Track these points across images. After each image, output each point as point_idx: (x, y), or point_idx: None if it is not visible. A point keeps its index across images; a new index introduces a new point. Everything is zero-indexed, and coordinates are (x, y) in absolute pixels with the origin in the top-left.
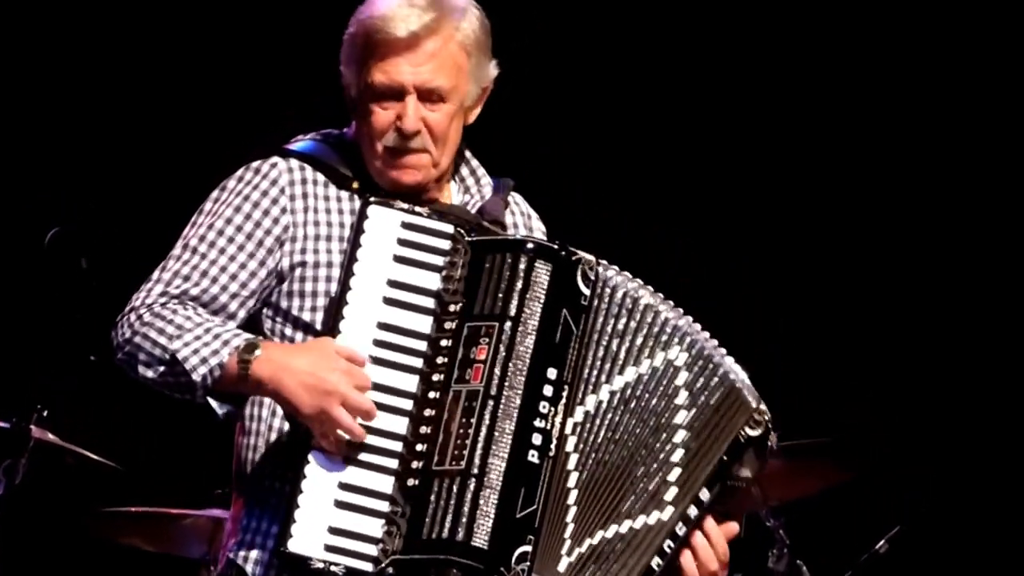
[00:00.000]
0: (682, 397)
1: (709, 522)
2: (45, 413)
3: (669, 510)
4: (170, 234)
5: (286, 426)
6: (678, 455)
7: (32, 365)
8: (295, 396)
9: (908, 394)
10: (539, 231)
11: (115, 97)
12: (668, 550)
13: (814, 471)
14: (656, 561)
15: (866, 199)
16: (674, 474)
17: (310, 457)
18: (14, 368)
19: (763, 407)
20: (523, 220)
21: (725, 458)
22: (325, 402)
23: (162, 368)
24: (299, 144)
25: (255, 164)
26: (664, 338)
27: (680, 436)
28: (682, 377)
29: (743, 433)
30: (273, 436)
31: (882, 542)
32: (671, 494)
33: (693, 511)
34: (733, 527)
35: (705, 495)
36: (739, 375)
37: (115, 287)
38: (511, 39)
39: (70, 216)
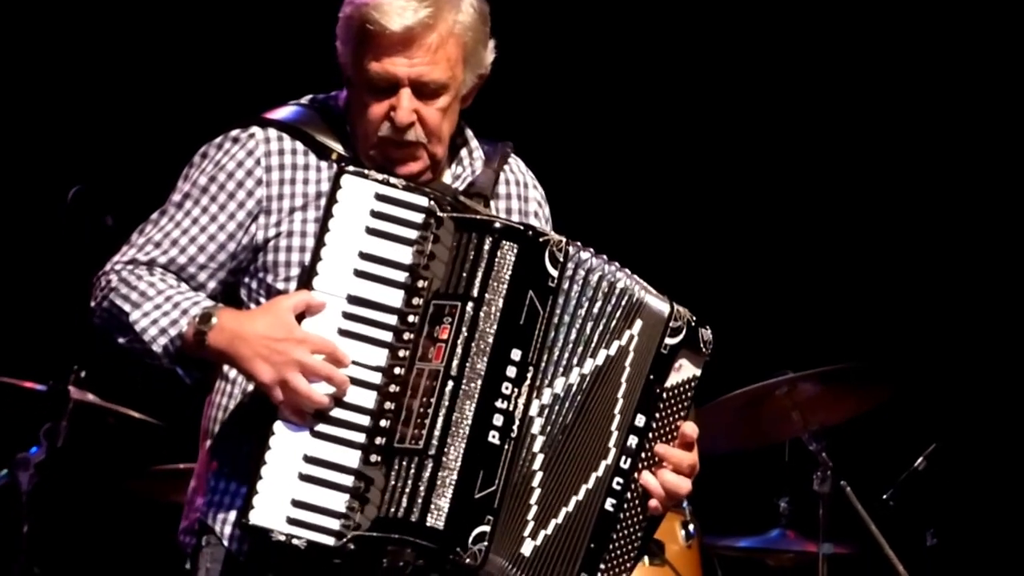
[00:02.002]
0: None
1: (660, 446)
2: (83, 374)
3: (612, 451)
4: None
5: (251, 386)
6: (619, 404)
7: (66, 327)
8: (252, 365)
9: (939, 314)
10: (534, 199)
11: (141, 56)
12: (618, 487)
13: (849, 395)
14: (610, 502)
15: (904, 141)
16: (615, 421)
17: (275, 428)
18: (49, 331)
19: (680, 310)
20: (518, 189)
21: (651, 376)
22: (283, 371)
23: (128, 335)
24: (281, 112)
25: (233, 133)
26: (633, 318)
27: (621, 388)
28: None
29: (664, 345)
30: (245, 397)
31: (920, 459)
32: (613, 438)
33: (633, 440)
34: (688, 430)
35: (640, 420)
36: (650, 292)
37: None
38: (512, 37)
39: (94, 173)
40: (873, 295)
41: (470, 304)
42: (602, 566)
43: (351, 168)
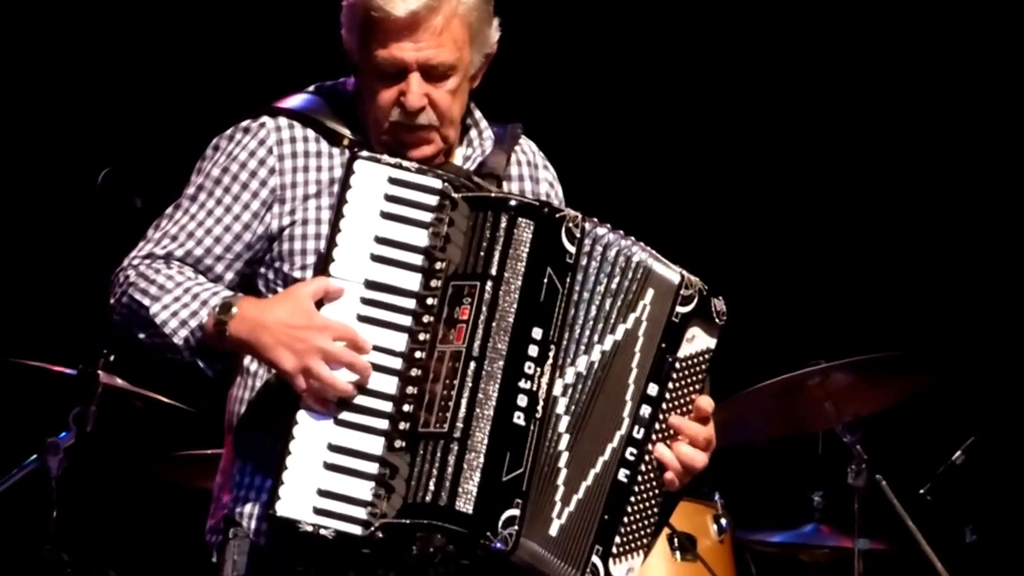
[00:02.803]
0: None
1: (674, 417)
2: (112, 359)
3: (625, 422)
4: None
5: (273, 374)
6: (633, 373)
7: (94, 310)
8: (274, 354)
9: (978, 301)
10: (546, 180)
11: (168, 40)
12: (632, 457)
13: (884, 385)
14: (623, 473)
15: (945, 125)
16: (629, 391)
17: (298, 417)
18: (79, 315)
19: (690, 278)
20: (529, 170)
21: (663, 345)
22: (305, 359)
23: (149, 330)
24: (291, 100)
25: (244, 123)
26: (645, 288)
27: (635, 358)
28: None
29: (676, 314)
30: (265, 389)
31: (959, 453)
32: (627, 408)
33: (646, 410)
34: (704, 403)
35: (653, 390)
36: (660, 261)
37: None
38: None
39: (123, 156)
40: (910, 282)
41: (489, 283)
42: (617, 539)
43: (363, 153)
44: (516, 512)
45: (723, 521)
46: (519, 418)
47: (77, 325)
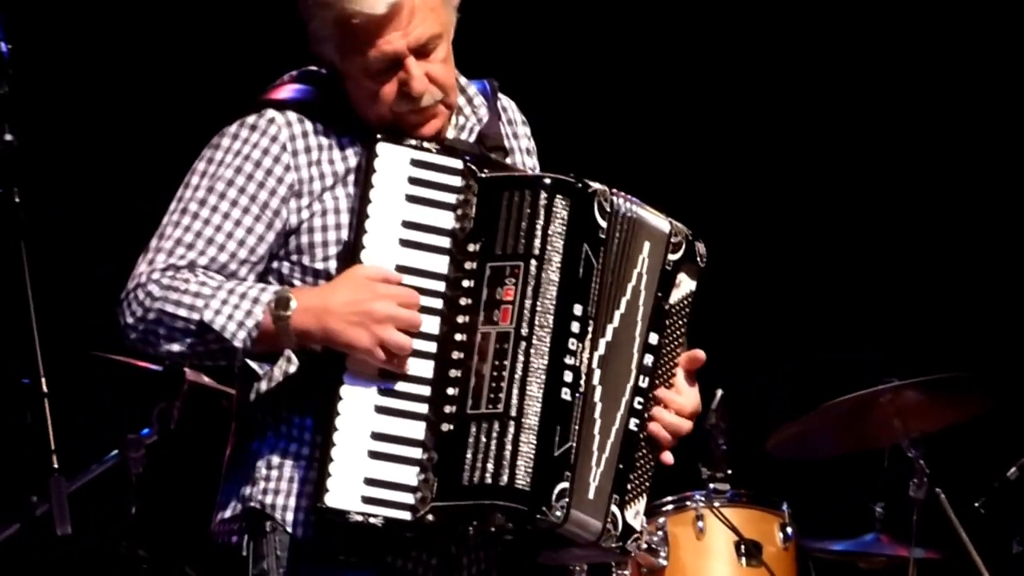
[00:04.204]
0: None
1: (661, 391)
2: None
3: (632, 372)
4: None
5: (292, 368)
6: (638, 326)
7: None
8: (348, 335)
9: None
10: (524, 135)
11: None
12: (639, 406)
13: (952, 404)
14: (633, 422)
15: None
16: (635, 343)
17: (340, 408)
18: None
19: (677, 225)
20: (512, 129)
21: (659, 294)
22: (380, 331)
23: (191, 340)
24: (287, 92)
25: (250, 120)
26: (642, 240)
27: (639, 311)
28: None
29: (668, 261)
30: (286, 381)
31: (1013, 469)
32: (634, 360)
33: (648, 359)
34: (697, 355)
35: (654, 338)
36: (651, 212)
37: None
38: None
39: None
40: (980, 305)
41: (533, 262)
42: (628, 487)
43: (384, 135)
44: (567, 484)
45: (788, 530)
46: (566, 394)
47: None
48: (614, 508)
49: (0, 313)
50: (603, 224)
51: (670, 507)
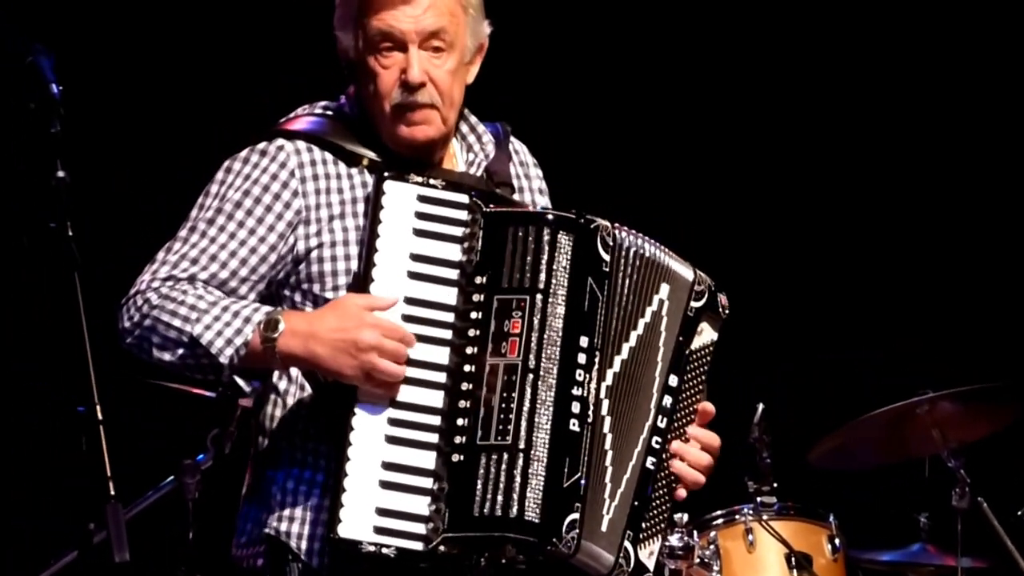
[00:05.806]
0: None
1: (692, 428)
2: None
3: (651, 412)
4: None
5: (306, 392)
6: (657, 367)
7: None
8: (333, 361)
9: None
10: (537, 177)
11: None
12: (657, 445)
13: (987, 413)
14: (650, 460)
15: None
16: (655, 384)
17: (352, 438)
18: None
19: (701, 274)
20: (523, 170)
21: (681, 338)
22: (365, 358)
23: (181, 351)
24: (301, 123)
25: (261, 146)
26: (659, 282)
27: (659, 352)
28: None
29: (691, 308)
30: (298, 407)
31: None
32: (653, 400)
33: (668, 400)
34: (708, 408)
35: (674, 380)
36: (674, 258)
37: None
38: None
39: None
40: (1015, 315)
41: (538, 296)
42: (643, 524)
43: (390, 173)
44: (576, 516)
45: (837, 541)
46: (574, 425)
47: None
48: (627, 544)
49: (56, 343)
50: (606, 258)
51: (720, 521)
